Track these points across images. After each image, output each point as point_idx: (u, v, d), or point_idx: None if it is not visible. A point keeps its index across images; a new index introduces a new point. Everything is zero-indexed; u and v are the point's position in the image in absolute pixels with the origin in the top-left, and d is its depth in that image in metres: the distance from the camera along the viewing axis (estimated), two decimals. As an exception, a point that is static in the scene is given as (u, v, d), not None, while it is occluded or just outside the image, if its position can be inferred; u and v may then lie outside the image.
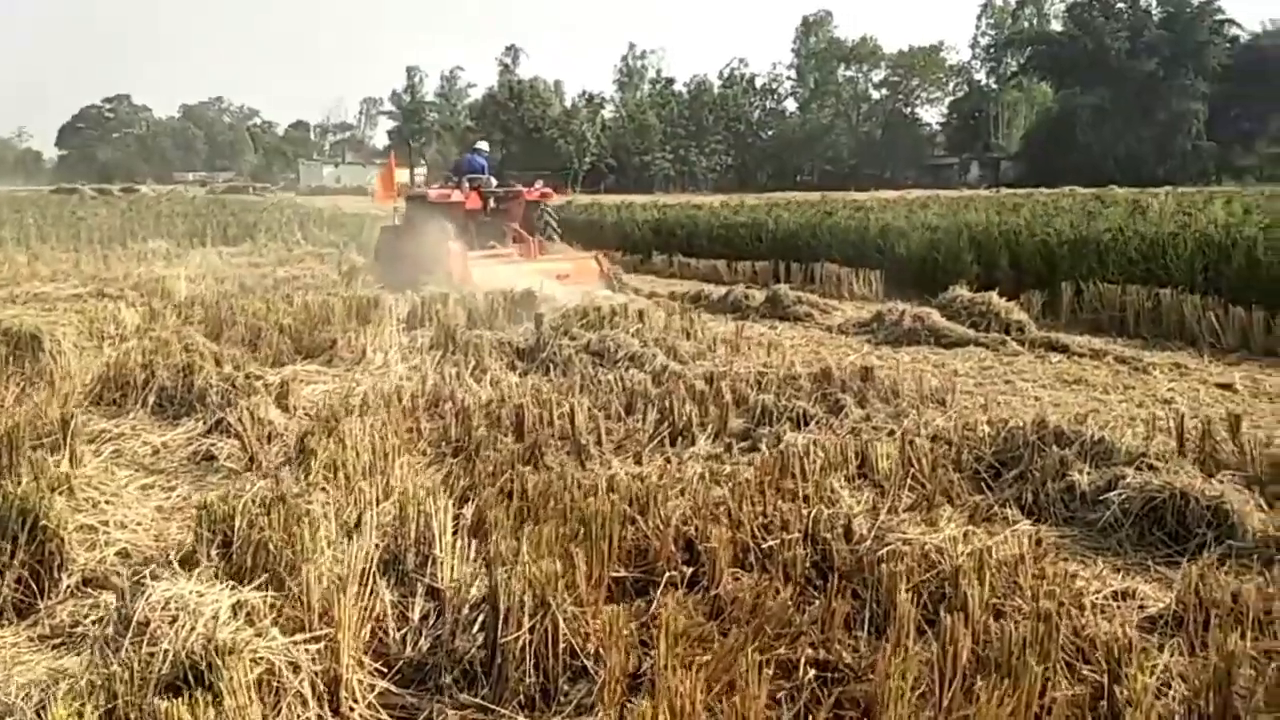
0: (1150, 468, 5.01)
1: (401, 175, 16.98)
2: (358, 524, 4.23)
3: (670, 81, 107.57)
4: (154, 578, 3.42)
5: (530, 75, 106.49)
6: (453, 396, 7.39)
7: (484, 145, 17.43)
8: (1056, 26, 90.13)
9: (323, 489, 4.73)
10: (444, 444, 6.34)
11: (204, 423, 6.65)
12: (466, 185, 15.58)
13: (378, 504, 4.46)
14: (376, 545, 3.98)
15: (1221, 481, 4.81)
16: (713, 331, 10.44)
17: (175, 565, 3.77)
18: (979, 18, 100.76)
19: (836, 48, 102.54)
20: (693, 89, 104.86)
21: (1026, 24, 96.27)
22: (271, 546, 3.88)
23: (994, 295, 10.59)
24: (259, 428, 6.37)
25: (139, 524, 4.81)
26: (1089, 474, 5.11)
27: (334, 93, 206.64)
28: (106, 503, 4.86)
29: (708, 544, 4.31)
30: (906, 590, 3.71)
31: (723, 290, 13.34)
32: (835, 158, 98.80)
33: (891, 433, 6.51)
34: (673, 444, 6.63)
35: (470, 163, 16.36)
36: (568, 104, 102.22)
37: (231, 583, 3.49)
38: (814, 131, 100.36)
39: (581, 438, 6.54)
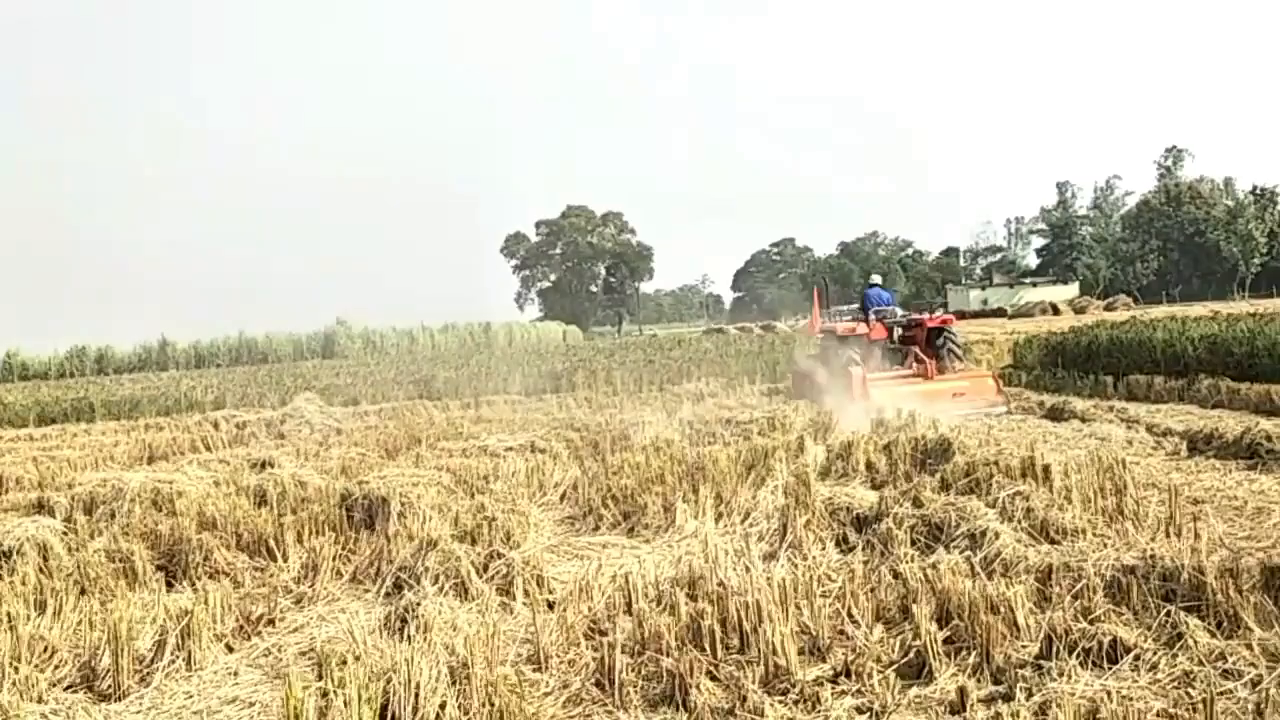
0: None
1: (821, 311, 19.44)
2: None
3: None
4: None
5: (1195, 176, 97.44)
6: (702, 582, 6.03)
7: (878, 279, 18.96)
8: None
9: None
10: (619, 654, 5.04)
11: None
12: (873, 317, 16.96)
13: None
14: None
15: None
16: (1156, 491, 7.84)
17: None
18: None
19: None
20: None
21: None
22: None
23: None
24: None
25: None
26: None
27: (980, 216, 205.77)
28: None
29: None
30: None
31: (1241, 429, 10.18)
32: None
33: (1255, 683, 4.14)
34: (914, 675, 4.78)
35: (876, 297, 17.74)
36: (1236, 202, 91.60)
37: None
38: None
39: (774, 660, 4.91)
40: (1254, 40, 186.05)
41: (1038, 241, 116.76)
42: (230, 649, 5.70)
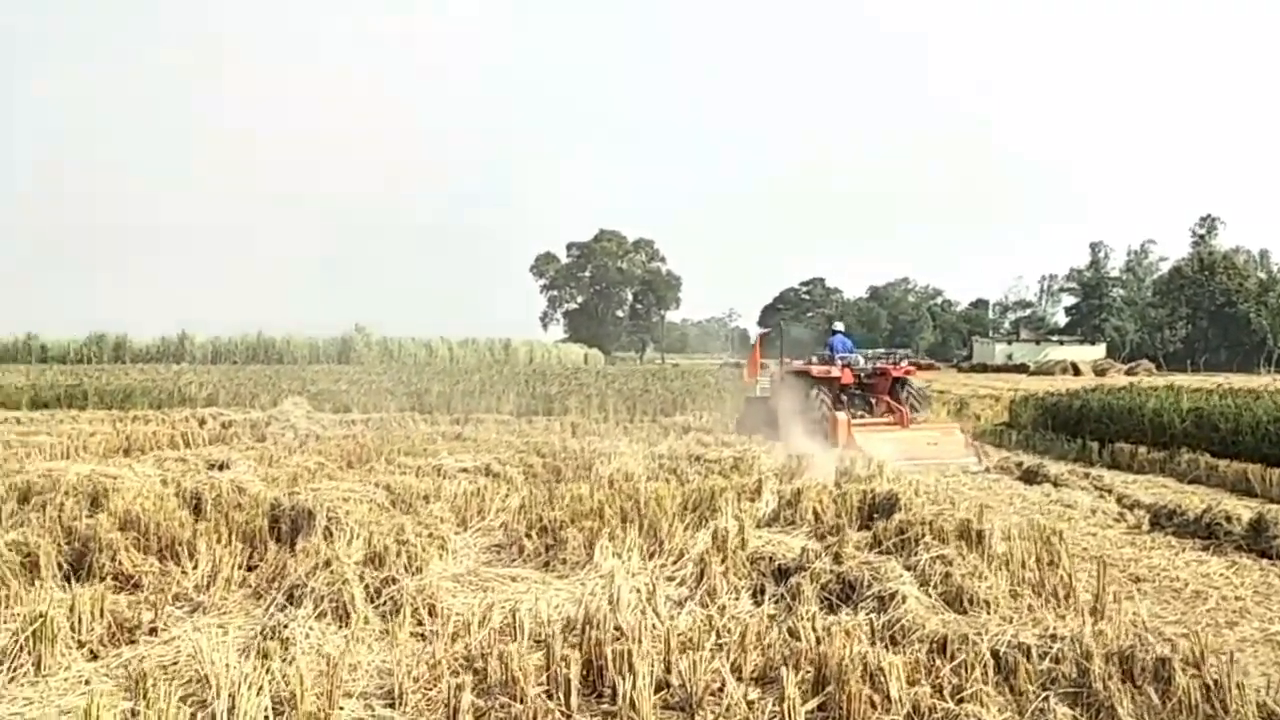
0: None
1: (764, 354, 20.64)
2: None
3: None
4: None
5: (1230, 245, 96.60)
6: (596, 627, 5.80)
7: (840, 325, 19.28)
8: None
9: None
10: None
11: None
12: (839, 362, 17.25)
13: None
14: None
15: None
16: (1099, 565, 7.58)
17: None
18: None
19: None
20: None
21: None
22: None
23: None
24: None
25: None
26: None
27: (1014, 271, 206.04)
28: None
29: None
30: None
31: (1203, 508, 9.88)
32: None
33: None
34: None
35: (841, 344, 18.18)
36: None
37: None
38: None
39: (631, 715, 4.70)
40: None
41: (1068, 300, 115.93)
42: (95, 656, 5.54)
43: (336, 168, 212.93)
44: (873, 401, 17.17)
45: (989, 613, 6.23)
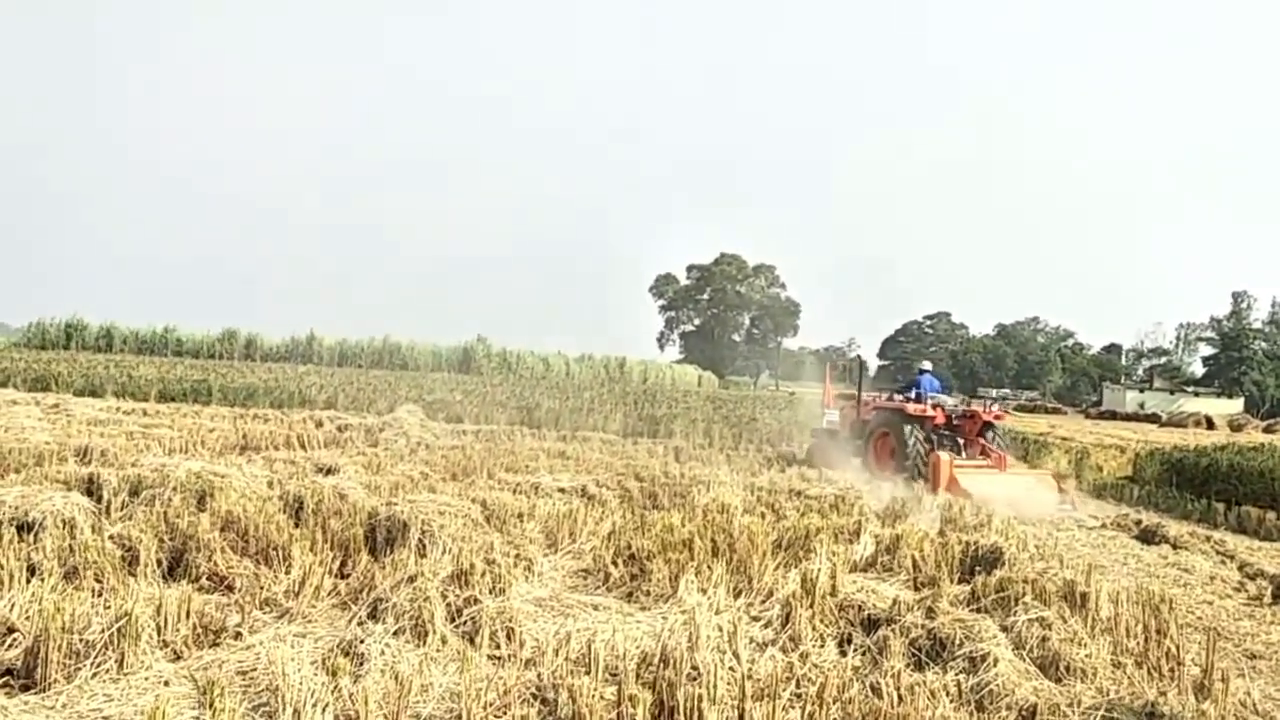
0: None
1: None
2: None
3: None
4: None
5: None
6: (671, 666, 5.70)
7: (928, 365, 19.05)
8: None
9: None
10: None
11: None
12: (929, 401, 17.31)
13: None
14: None
15: None
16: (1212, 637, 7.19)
17: None
18: None
19: None
20: None
21: None
22: None
23: None
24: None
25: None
26: None
27: (1151, 317, 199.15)
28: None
29: None
30: None
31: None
32: None
33: None
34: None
35: (929, 383, 18.13)
36: None
37: None
38: None
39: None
40: None
41: (1206, 350, 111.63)
42: (178, 656, 5.64)
43: (474, 183, 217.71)
44: (961, 443, 17.06)
45: (1085, 682, 5.93)
